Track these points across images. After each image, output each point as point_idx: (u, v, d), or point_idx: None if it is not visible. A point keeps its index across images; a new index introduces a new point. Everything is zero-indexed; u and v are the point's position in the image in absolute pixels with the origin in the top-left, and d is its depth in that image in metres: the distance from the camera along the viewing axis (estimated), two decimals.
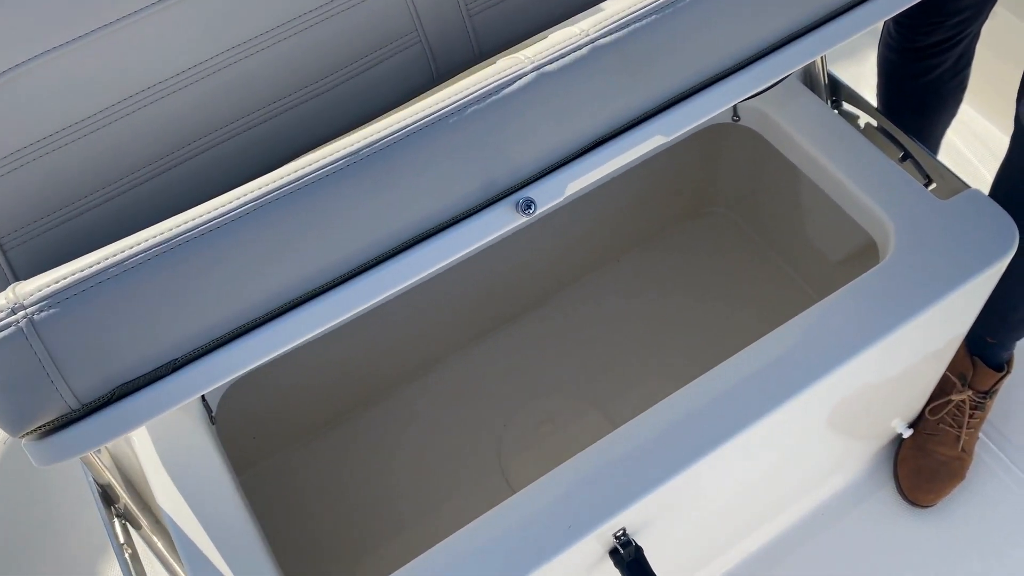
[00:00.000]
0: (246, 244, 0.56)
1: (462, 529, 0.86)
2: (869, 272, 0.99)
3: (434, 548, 0.85)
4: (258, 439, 1.32)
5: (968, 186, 1.05)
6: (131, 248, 0.54)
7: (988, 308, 1.26)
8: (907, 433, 1.35)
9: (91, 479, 0.89)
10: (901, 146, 1.13)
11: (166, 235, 0.55)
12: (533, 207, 0.62)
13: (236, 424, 1.25)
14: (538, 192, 0.63)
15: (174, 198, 0.77)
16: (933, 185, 1.10)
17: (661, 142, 0.66)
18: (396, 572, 0.83)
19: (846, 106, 1.21)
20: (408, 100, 0.84)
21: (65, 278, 0.53)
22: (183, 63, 0.74)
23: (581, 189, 0.74)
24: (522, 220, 0.63)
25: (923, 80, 1.28)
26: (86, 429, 0.55)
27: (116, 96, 0.72)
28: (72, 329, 0.53)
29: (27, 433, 0.55)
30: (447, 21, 0.82)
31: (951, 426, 1.32)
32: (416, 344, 1.40)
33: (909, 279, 0.98)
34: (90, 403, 0.55)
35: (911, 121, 1.35)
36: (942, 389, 1.33)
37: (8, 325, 0.52)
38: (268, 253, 0.56)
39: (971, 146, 1.78)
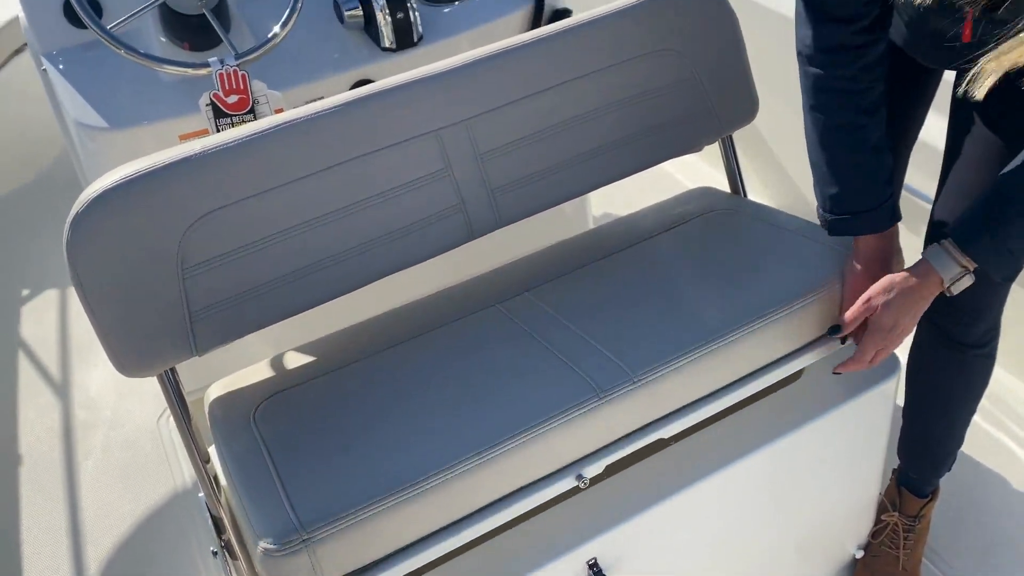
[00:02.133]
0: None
1: (469, 551, 1.17)
2: (783, 389, 1.34)
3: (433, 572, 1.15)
4: None
5: None
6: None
7: (909, 450, 1.57)
8: (859, 555, 1.60)
9: (208, 512, 1.23)
10: None
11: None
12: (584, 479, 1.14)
13: None
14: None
15: (304, 293, 1.19)
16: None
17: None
18: None
19: None
20: (450, 248, 1.28)
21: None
22: (313, 213, 1.19)
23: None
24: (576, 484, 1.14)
25: None
26: None
27: (276, 228, 1.17)
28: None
29: None
30: (479, 198, 1.28)
31: (890, 548, 1.57)
32: None
33: (813, 394, 1.33)
34: None
35: None
36: (880, 516, 1.60)
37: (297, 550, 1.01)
38: None
39: None
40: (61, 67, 1.63)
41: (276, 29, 1.50)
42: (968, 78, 1.00)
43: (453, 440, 1.11)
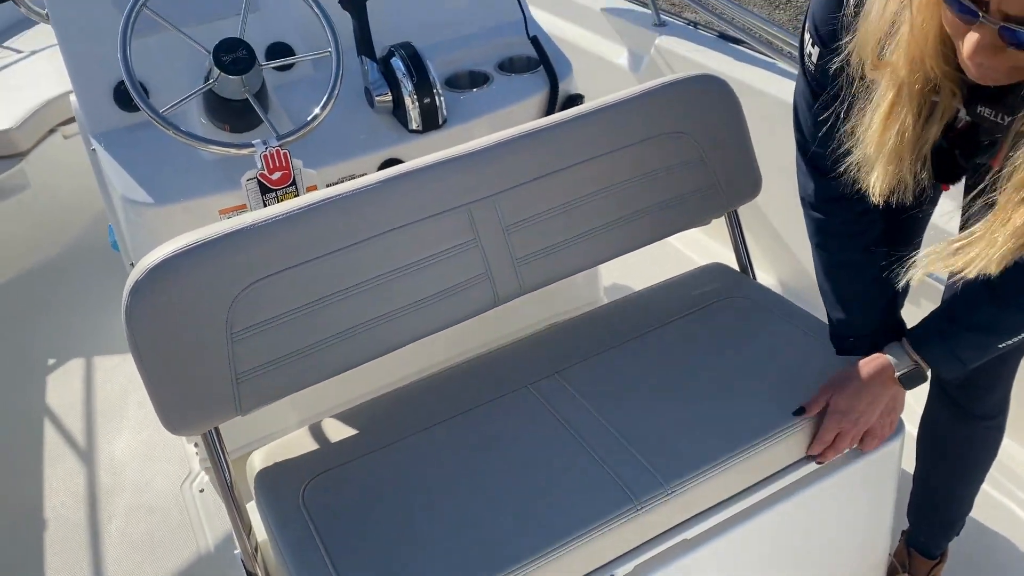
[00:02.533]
0: None
1: None
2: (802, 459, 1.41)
3: None
4: None
5: None
6: None
7: (919, 513, 1.62)
8: None
9: (243, 569, 1.28)
10: None
11: None
12: None
13: None
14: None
15: (344, 356, 1.27)
16: None
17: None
18: None
19: None
20: (478, 314, 1.36)
21: None
22: (354, 280, 1.27)
23: None
24: None
25: None
26: None
27: (318, 295, 1.26)
28: None
29: None
30: (504, 267, 1.37)
31: None
32: None
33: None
34: None
35: None
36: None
37: None
38: None
39: None
40: (110, 147, 1.74)
41: (316, 111, 1.62)
42: (907, 266, 1.07)
43: (499, 550, 1.17)
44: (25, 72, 3.26)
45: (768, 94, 2.30)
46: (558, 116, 1.43)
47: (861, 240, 1.30)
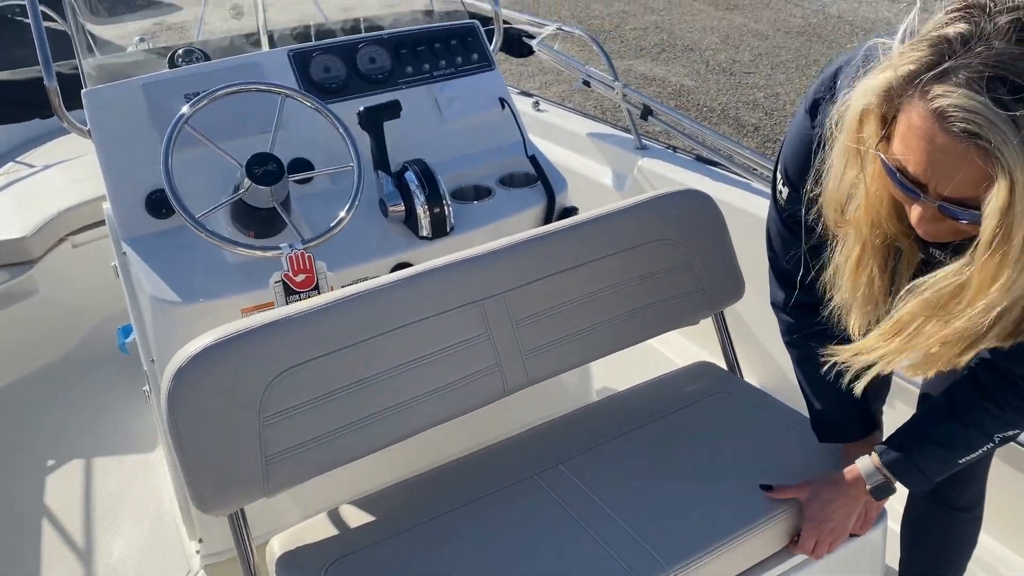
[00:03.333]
0: None
1: None
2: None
3: None
4: None
5: None
6: None
7: None
8: None
9: None
10: None
11: None
12: None
13: None
14: None
15: (363, 441, 1.36)
16: None
17: None
18: None
19: None
20: (489, 403, 1.47)
21: None
22: (375, 370, 1.38)
23: None
24: None
25: None
26: None
27: (341, 384, 1.36)
28: None
29: None
30: (513, 360, 1.49)
31: None
32: None
33: None
34: None
35: None
36: None
37: None
38: None
39: None
40: (140, 250, 1.87)
41: (341, 214, 1.77)
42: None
43: None
44: (38, 185, 3.41)
45: (744, 209, 2.49)
46: (562, 223, 1.58)
47: (829, 338, 1.42)
